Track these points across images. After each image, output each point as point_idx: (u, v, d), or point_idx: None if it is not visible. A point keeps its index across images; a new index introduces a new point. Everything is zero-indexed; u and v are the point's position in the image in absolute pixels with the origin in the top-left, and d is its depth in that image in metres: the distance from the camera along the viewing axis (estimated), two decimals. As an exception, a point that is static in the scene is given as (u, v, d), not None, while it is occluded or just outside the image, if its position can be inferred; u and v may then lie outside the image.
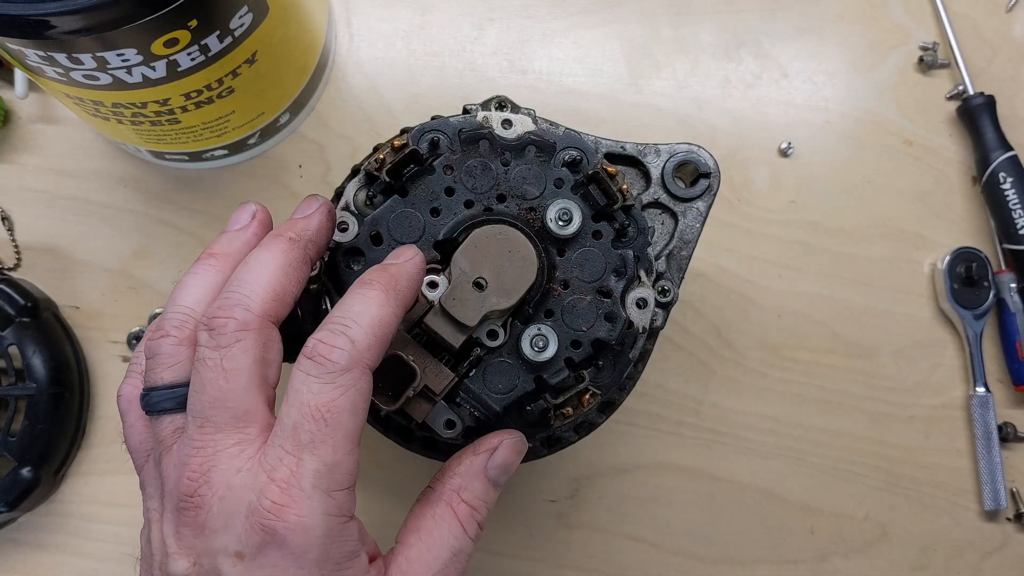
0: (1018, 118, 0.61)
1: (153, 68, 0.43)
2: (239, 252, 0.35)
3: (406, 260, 0.34)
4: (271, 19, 0.47)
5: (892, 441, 0.58)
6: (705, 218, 0.44)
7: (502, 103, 0.42)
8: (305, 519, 0.29)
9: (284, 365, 0.33)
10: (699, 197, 0.44)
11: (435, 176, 0.39)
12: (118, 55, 0.41)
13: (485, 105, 0.42)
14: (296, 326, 0.38)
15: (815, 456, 0.57)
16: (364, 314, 0.31)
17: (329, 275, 0.38)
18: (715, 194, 0.44)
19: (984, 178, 0.59)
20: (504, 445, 0.36)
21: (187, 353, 0.33)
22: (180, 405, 0.32)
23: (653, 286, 0.41)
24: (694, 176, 0.44)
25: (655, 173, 0.44)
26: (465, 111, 0.42)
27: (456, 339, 0.36)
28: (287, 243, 0.34)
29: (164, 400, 0.32)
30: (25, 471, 0.51)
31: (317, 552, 0.29)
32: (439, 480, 0.35)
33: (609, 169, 0.40)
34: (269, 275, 0.32)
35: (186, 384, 0.32)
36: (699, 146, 0.44)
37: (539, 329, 0.37)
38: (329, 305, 0.38)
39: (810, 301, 0.59)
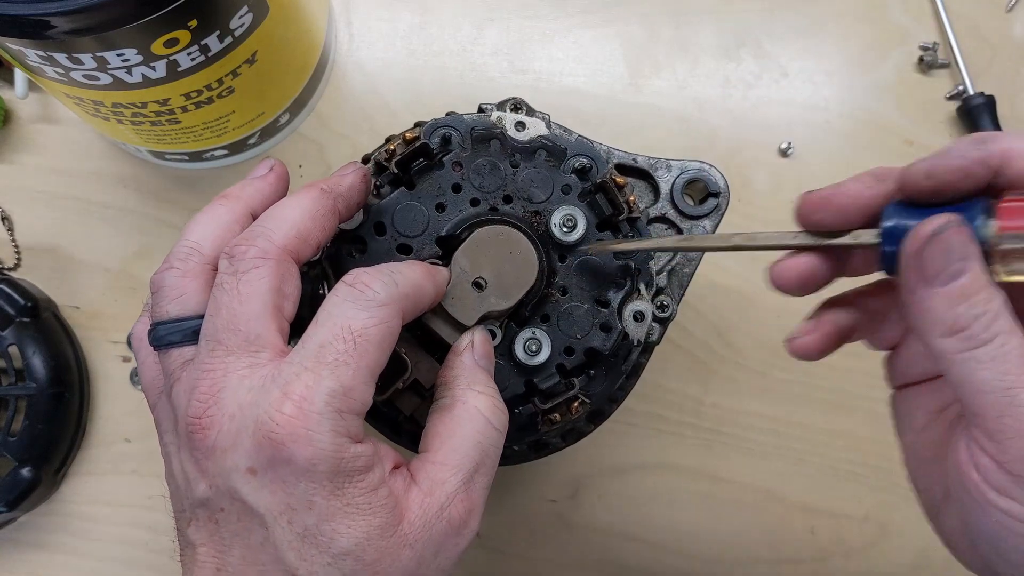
0: (1018, 118, 0.61)
1: (153, 68, 0.43)
2: (252, 197, 0.35)
3: (440, 269, 0.36)
4: (271, 19, 0.47)
5: (892, 441, 0.57)
6: None
7: (517, 105, 0.42)
8: (312, 433, 0.28)
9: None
10: (707, 216, 0.44)
11: (443, 172, 0.39)
12: (118, 55, 0.41)
13: (500, 106, 0.42)
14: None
15: (815, 456, 0.57)
16: (408, 273, 0.32)
17: (330, 261, 0.38)
18: (723, 214, 0.44)
19: (984, 178, 0.59)
20: (476, 338, 0.36)
21: (192, 285, 0.33)
22: (187, 338, 0.32)
23: (652, 300, 0.41)
24: (703, 195, 0.44)
25: (664, 188, 0.44)
26: (480, 110, 0.42)
27: (453, 338, 0.36)
28: (317, 192, 0.34)
29: (170, 333, 0.32)
30: (25, 471, 0.51)
31: (326, 466, 0.29)
32: (445, 388, 0.35)
33: (618, 180, 0.40)
34: (295, 216, 0.33)
35: (191, 317, 0.32)
36: (711, 165, 0.44)
37: (534, 333, 0.37)
38: (327, 291, 0.38)
39: (810, 301, 0.59)
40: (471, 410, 0.33)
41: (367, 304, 0.30)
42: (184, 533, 0.31)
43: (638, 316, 0.39)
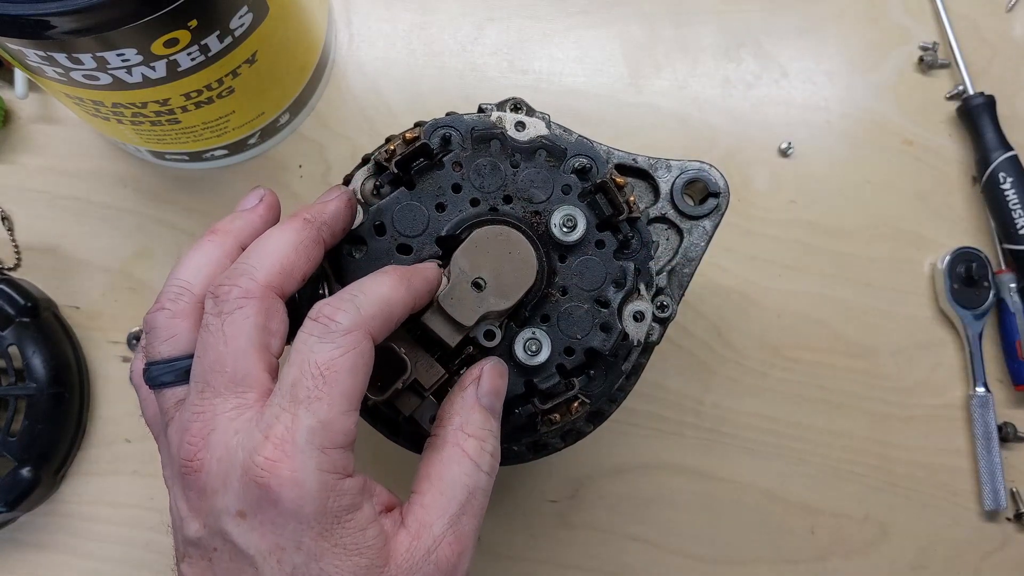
0: (1018, 118, 0.61)
1: (153, 68, 0.43)
2: (241, 230, 0.35)
3: (427, 266, 0.35)
4: (271, 19, 0.47)
5: (892, 441, 0.58)
6: (711, 237, 0.44)
7: (517, 105, 0.42)
8: (298, 474, 0.29)
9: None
10: (707, 216, 0.44)
11: (443, 172, 0.39)
12: (118, 55, 0.41)
13: (500, 105, 0.42)
14: (295, 310, 0.38)
15: (815, 456, 0.57)
16: (374, 290, 0.32)
17: (329, 260, 0.38)
18: (723, 214, 0.44)
19: (984, 178, 0.59)
20: (486, 372, 0.36)
21: (183, 326, 0.33)
22: (179, 378, 0.33)
23: (652, 300, 0.41)
24: (703, 195, 0.44)
25: (664, 188, 0.44)
26: (480, 110, 0.42)
27: (453, 338, 0.36)
28: (300, 223, 0.34)
29: (163, 373, 0.33)
30: (25, 471, 0.51)
31: (313, 507, 0.29)
32: (439, 426, 0.35)
33: (618, 180, 0.40)
34: (278, 250, 0.33)
35: (183, 357, 0.33)
36: (711, 165, 0.44)
37: (533, 333, 0.37)
38: (326, 290, 0.38)
39: (810, 301, 0.59)
40: (458, 453, 0.34)
41: (331, 336, 0.30)
42: (179, 568, 0.32)
43: (638, 316, 0.39)
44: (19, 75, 0.54)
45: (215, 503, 0.30)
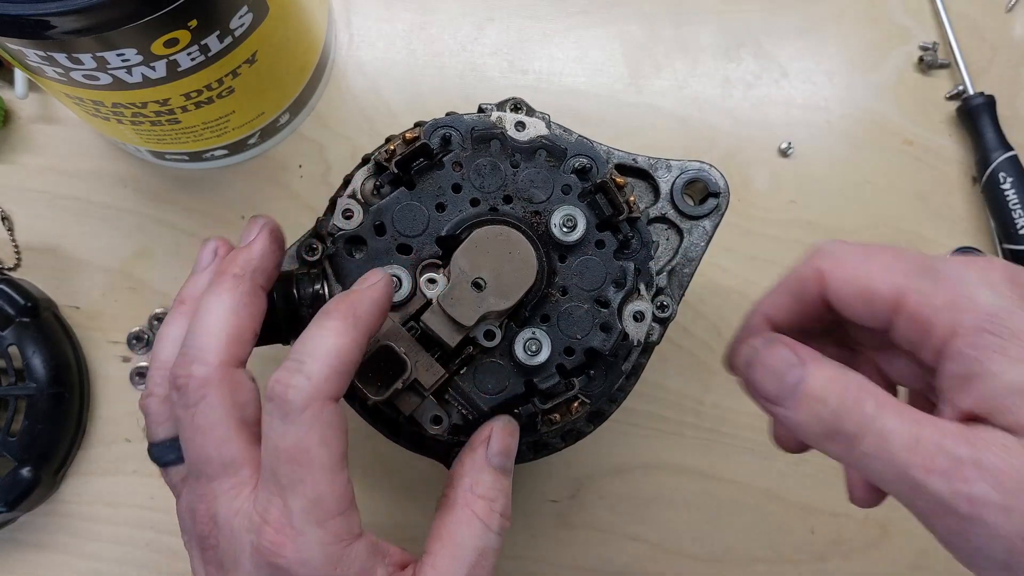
0: (1018, 118, 0.61)
1: (153, 68, 0.43)
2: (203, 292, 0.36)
3: (369, 286, 0.34)
4: (271, 19, 0.47)
5: (892, 441, 0.58)
6: (711, 237, 0.44)
7: (517, 105, 0.42)
8: (303, 553, 0.30)
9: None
10: (707, 216, 0.44)
11: (443, 172, 0.39)
12: (118, 55, 0.41)
13: (500, 105, 0.42)
14: (295, 310, 0.38)
15: (815, 456, 0.57)
16: (320, 347, 0.31)
17: (330, 261, 0.38)
18: (723, 214, 0.44)
19: (984, 178, 0.59)
20: (496, 431, 0.36)
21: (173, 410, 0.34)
22: (180, 456, 0.34)
23: (652, 300, 0.41)
24: (703, 195, 0.44)
25: (664, 188, 0.44)
26: (480, 110, 0.42)
27: (453, 338, 0.36)
28: (231, 281, 0.34)
29: (165, 453, 0.35)
30: (25, 471, 0.51)
31: None
32: (451, 487, 0.36)
33: (618, 180, 0.40)
34: (219, 321, 0.33)
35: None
36: (711, 165, 0.44)
37: (533, 333, 0.37)
38: (327, 290, 0.38)
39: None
40: (469, 515, 0.34)
41: (291, 417, 0.30)
42: None
43: (638, 316, 0.39)
44: (19, 75, 0.54)
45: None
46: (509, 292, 0.36)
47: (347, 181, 0.41)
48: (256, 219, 0.37)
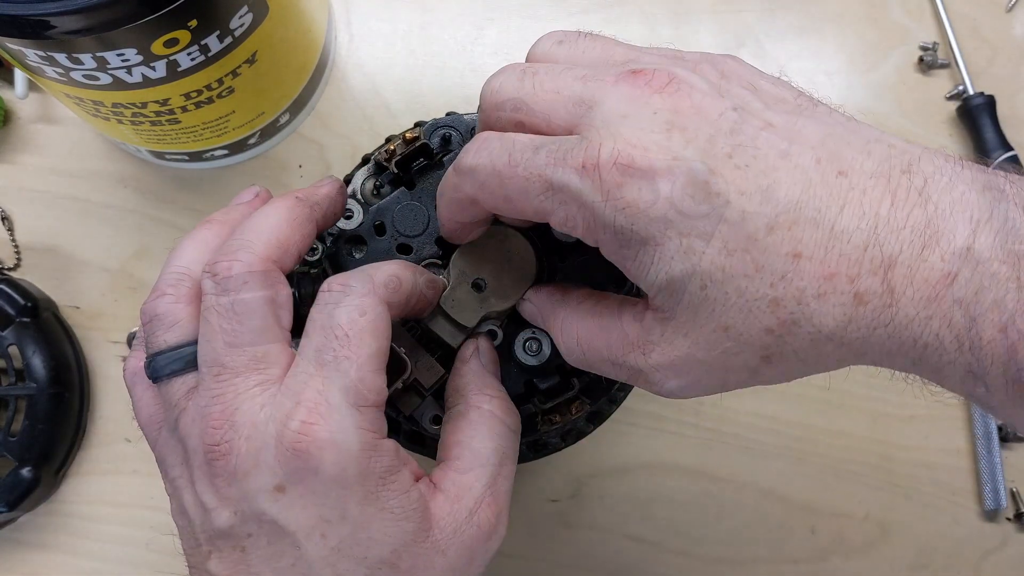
0: (1018, 118, 0.61)
1: (153, 68, 0.43)
2: (236, 221, 0.34)
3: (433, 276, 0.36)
4: (271, 19, 0.47)
5: (892, 441, 0.58)
6: None
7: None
8: (336, 434, 0.28)
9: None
10: None
11: (444, 172, 0.39)
12: (118, 55, 0.41)
13: None
14: (296, 308, 0.38)
15: (815, 456, 0.57)
16: (382, 266, 0.32)
17: (330, 261, 0.38)
18: None
19: (984, 178, 0.59)
20: (480, 344, 0.36)
21: (187, 311, 0.32)
22: (189, 365, 0.31)
23: None
24: None
25: None
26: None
27: (455, 339, 0.36)
28: (292, 200, 0.33)
29: (171, 363, 0.31)
30: (25, 471, 0.51)
31: (356, 468, 0.28)
32: (455, 399, 0.35)
33: None
34: (272, 224, 0.32)
35: (191, 343, 0.31)
36: None
37: (533, 333, 0.37)
38: None
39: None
40: (486, 414, 0.33)
41: (348, 300, 0.30)
42: (203, 569, 0.30)
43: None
44: (19, 75, 0.55)
45: (248, 485, 0.28)
46: (509, 292, 0.36)
47: (347, 181, 0.41)
48: (328, 176, 0.37)
